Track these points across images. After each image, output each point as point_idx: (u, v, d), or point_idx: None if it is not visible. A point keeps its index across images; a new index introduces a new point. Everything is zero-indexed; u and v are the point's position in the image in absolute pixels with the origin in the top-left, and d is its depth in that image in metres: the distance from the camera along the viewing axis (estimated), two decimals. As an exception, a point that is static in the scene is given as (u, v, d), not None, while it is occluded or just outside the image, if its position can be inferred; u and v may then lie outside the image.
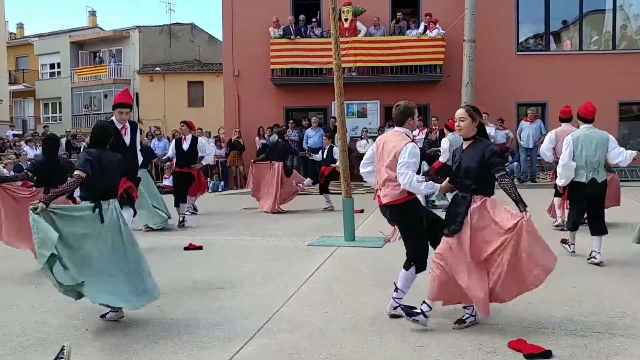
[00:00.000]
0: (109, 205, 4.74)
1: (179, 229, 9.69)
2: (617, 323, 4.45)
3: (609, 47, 18.06)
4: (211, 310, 5.05)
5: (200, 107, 30.06)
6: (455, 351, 3.98)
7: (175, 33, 34.91)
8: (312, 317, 4.80)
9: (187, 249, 7.86)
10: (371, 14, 17.57)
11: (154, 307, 5.16)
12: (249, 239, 8.59)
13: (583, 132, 6.65)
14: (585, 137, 6.56)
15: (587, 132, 6.61)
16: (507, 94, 17.43)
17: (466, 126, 4.45)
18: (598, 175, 6.46)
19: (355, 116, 17.95)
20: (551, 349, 3.88)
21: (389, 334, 4.35)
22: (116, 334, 4.50)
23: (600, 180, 6.47)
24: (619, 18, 18.11)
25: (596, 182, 6.44)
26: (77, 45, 34.54)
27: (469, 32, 16.25)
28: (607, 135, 6.60)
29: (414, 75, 17.41)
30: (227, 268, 6.70)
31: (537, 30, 18.40)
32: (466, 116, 4.44)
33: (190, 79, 31.38)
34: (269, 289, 5.74)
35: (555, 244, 7.16)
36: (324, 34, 17.48)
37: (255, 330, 4.50)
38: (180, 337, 4.40)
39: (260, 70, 17.93)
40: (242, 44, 18.17)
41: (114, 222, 4.73)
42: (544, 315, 4.67)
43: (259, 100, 18.14)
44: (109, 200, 4.76)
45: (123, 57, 32.99)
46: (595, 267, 6.27)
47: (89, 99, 33.26)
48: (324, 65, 16.72)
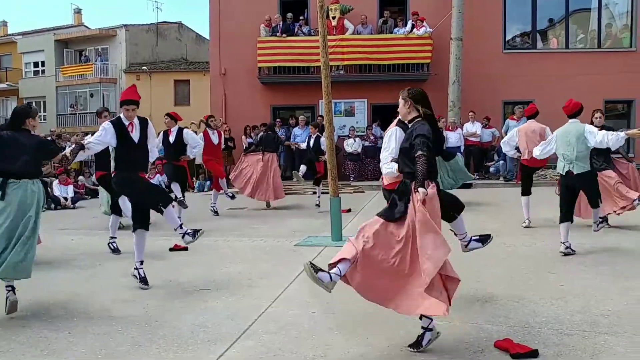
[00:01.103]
0: (18, 185, 5.01)
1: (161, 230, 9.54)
2: (602, 321, 4.46)
3: (595, 46, 18.18)
4: (196, 312, 5.00)
5: (187, 105, 29.93)
6: (442, 351, 3.96)
7: (162, 32, 34.74)
8: (298, 317, 4.77)
9: (172, 249, 7.79)
10: (358, 12, 17.56)
11: (139, 309, 5.11)
12: (235, 240, 8.53)
13: (565, 126, 7.04)
14: (563, 132, 7.00)
15: (567, 126, 6.99)
16: (494, 92, 17.49)
17: (400, 109, 4.39)
18: (574, 168, 6.78)
19: (342, 115, 17.93)
20: (537, 348, 3.88)
21: (376, 335, 4.32)
22: (99, 336, 4.43)
23: (576, 171, 6.77)
24: (604, 17, 18.24)
25: (572, 173, 6.81)
26: (62, 44, 34.23)
27: (456, 31, 16.30)
28: (582, 128, 6.82)
29: (401, 73, 17.41)
30: (212, 269, 6.65)
31: (524, 28, 18.49)
32: (400, 99, 4.37)
33: (177, 78, 31.24)
34: (255, 290, 5.69)
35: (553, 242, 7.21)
36: (312, 32, 17.44)
37: (241, 331, 4.46)
38: (165, 339, 4.35)
39: (247, 68, 17.86)
40: (229, 43, 18.08)
41: (19, 201, 4.98)
42: (530, 314, 4.67)
43: (246, 98, 18.06)
44: (19, 180, 5.01)
45: (109, 56, 32.76)
46: (581, 266, 6.28)
47: (75, 98, 32.97)
48: (312, 64, 16.68)
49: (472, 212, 10.39)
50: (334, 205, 8.19)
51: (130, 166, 5.92)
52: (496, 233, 8.20)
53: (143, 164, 6.07)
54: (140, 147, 5.98)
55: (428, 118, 4.23)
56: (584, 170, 6.77)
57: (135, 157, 5.95)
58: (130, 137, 5.89)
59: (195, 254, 7.52)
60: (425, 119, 4.22)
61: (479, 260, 6.43)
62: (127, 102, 6.00)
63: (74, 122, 31.80)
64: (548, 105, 14.88)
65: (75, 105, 32.73)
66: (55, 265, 6.94)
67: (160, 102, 29.34)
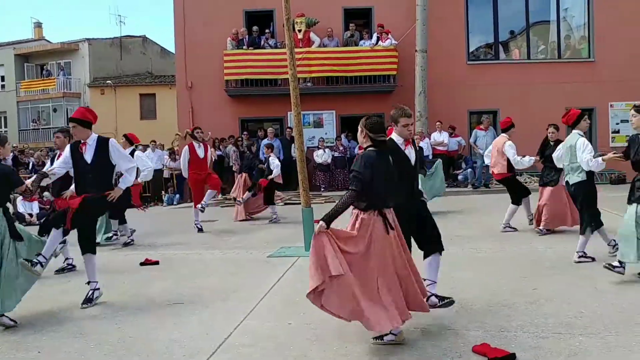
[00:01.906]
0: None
1: (131, 244, 9.39)
2: (576, 323, 4.53)
3: (555, 56, 18.66)
4: (170, 327, 4.91)
5: (153, 119, 29.60)
6: (420, 357, 3.97)
7: (127, 46, 34.34)
8: (275, 329, 4.72)
9: (143, 264, 7.65)
10: (324, 25, 17.66)
11: (111, 325, 4.99)
12: (207, 253, 8.43)
13: (568, 136, 7.10)
14: (565, 141, 7.14)
15: (569, 136, 7.05)
16: (459, 103, 17.77)
17: (358, 136, 4.50)
18: (570, 178, 6.89)
19: (311, 126, 17.96)
20: (515, 351, 3.92)
21: (354, 344, 4.30)
22: (71, 354, 4.31)
23: (571, 182, 6.85)
24: (562, 28, 18.76)
25: (568, 184, 6.93)
26: (22, 58, 33.53)
27: (421, 43, 16.54)
28: (575, 141, 6.82)
29: (368, 85, 17.56)
30: (185, 283, 6.54)
31: (487, 40, 18.87)
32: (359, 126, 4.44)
33: (142, 92, 30.89)
34: (230, 302, 5.62)
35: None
36: (278, 44, 17.47)
37: (217, 345, 4.39)
38: (140, 355, 4.25)
39: (214, 81, 17.76)
40: (195, 56, 17.98)
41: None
42: (506, 318, 4.72)
43: (214, 111, 17.95)
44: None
45: (72, 70, 32.20)
46: (553, 270, 6.37)
47: (37, 113, 32.28)
48: (279, 76, 16.69)
49: (443, 219, 10.47)
50: (306, 216, 8.17)
51: (80, 188, 5.74)
52: (467, 239, 8.39)
53: (97, 187, 5.69)
54: (94, 168, 5.69)
55: (381, 146, 4.30)
56: (577, 180, 6.73)
57: (86, 179, 5.70)
58: (81, 158, 5.71)
59: (167, 269, 7.40)
60: (380, 147, 4.29)
61: (451, 266, 6.48)
62: (69, 119, 5.93)
63: (36, 137, 31.10)
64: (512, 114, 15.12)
65: (38, 120, 32.03)
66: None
67: (126, 116, 29.03)
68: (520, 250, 7.55)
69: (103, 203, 5.79)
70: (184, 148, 10.66)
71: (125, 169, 5.91)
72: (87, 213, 5.64)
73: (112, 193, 5.77)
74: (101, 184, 5.73)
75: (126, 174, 5.92)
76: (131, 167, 5.97)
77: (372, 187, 4.14)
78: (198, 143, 10.54)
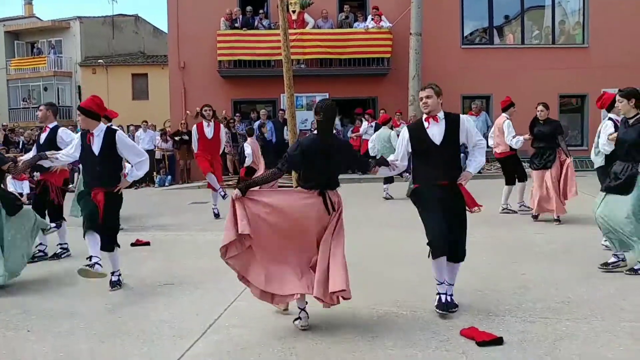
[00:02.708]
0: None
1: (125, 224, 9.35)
2: (563, 308, 4.58)
3: (549, 42, 18.63)
4: (160, 307, 4.92)
5: (145, 99, 29.38)
6: (408, 341, 4.00)
7: (119, 24, 33.93)
8: (265, 311, 4.73)
9: (134, 245, 7.64)
10: (319, 6, 17.51)
11: (101, 305, 5.00)
12: (199, 234, 8.43)
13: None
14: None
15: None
16: (453, 87, 17.64)
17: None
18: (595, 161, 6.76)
19: (304, 109, 17.87)
20: (502, 335, 3.96)
21: (343, 327, 4.33)
22: (61, 334, 4.32)
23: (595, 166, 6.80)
24: (557, 14, 18.71)
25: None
26: (12, 35, 33.07)
27: (416, 26, 16.43)
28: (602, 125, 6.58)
29: (362, 68, 17.48)
30: (176, 264, 6.55)
31: (481, 24, 18.79)
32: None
33: (135, 71, 30.60)
34: (220, 284, 5.62)
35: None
36: (272, 25, 17.33)
37: (207, 326, 4.41)
38: (130, 335, 4.26)
39: (207, 62, 17.61)
40: (188, 36, 17.80)
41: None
42: (494, 302, 4.76)
43: (206, 92, 17.78)
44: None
45: (63, 49, 31.81)
46: (541, 256, 6.43)
47: (28, 92, 31.96)
48: (273, 57, 16.58)
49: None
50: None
51: (89, 179, 5.68)
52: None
53: (105, 180, 5.51)
54: (102, 161, 5.49)
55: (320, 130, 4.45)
56: (598, 165, 6.65)
57: (94, 170, 5.56)
58: (89, 148, 5.52)
59: (158, 249, 7.40)
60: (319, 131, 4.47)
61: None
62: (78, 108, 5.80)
63: (27, 116, 30.79)
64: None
65: (29, 99, 31.71)
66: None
67: (117, 96, 28.73)
68: (510, 236, 7.60)
69: (119, 198, 5.62)
70: (193, 127, 10.11)
71: (134, 163, 5.60)
72: (111, 209, 5.51)
73: (119, 186, 5.53)
74: (109, 177, 5.51)
75: (134, 168, 5.62)
76: (140, 162, 5.61)
77: (307, 169, 4.37)
78: (207, 122, 9.80)
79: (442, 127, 4.67)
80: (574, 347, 3.80)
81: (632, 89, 5.74)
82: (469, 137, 4.77)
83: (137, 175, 5.69)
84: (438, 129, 4.67)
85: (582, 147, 17.52)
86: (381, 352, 3.82)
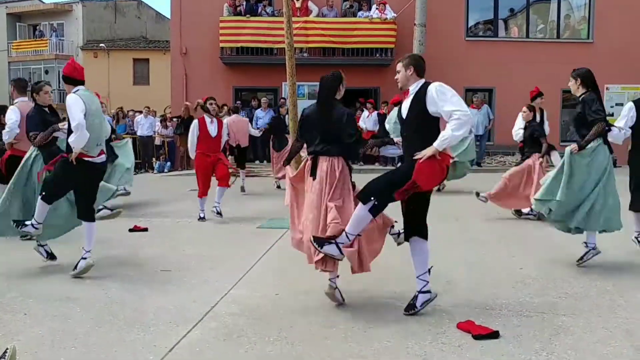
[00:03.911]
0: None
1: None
2: (561, 303, 4.58)
3: (554, 36, 18.56)
4: (158, 294, 4.92)
5: (146, 85, 29.31)
6: (404, 332, 4.00)
7: (121, 8, 33.81)
8: (261, 299, 4.74)
9: (132, 230, 7.64)
10: (323, -6, 17.45)
11: (98, 290, 5.00)
12: (197, 222, 8.41)
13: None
14: None
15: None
16: (456, 79, 17.50)
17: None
18: None
19: (305, 98, 17.81)
20: (498, 329, 3.96)
21: (339, 316, 4.34)
22: (57, 318, 4.31)
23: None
24: (563, 8, 18.62)
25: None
26: (15, 17, 32.95)
27: (420, 17, 16.35)
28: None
29: (365, 58, 17.43)
30: (174, 250, 6.55)
31: (486, 16, 18.70)
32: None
33: (136, 56, 30.54)
34: (218, 272, 5.63)
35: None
36: (275, 12, 17.24)
37: (204, 313, 4.41)
38: (126, 320, 4.26)
39: (209, 48, 17.55)
40: (191, 22, 17.73)
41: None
42: (491, 296, 4.76)
43: (208, 79, 17.76)
44: None
45: (65, 32, 31.72)
46: (539, 251, 6.42)
47: (29, 75, 31.85)
48: (275, 45, 16.51)
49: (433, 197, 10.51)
50: (298, 188, 8.15)
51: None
52: (455, 217, 8.42)
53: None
54: (69, 128, 5.28)
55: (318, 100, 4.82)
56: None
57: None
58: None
59: (156, 236, 7.39)
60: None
61: (439, 244, 6.50)
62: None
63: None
64: (508, 93, 15.16)
65: (30, 81, 31.62)
66: (12, 246, 6.70)
67: (118, 81, 28.72)
68: (509, 230, 7.59)
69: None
70: (193, 122, 8.56)
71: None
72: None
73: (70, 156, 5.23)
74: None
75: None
76: (74, 126, 5.11)
77: (306, 137, 4.75)
78: (211, 117, 8.52)
79: (409, 100, 4.33)
80: (569, 342, 3.81)
81: (582, 70, 5.89)
82: (439, 107, 4.13)
83: (72, 141, 5.18)
84: (407, 103, 4.35)
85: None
86: (377, 344, 3.82)
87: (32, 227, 5.44)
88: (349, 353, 3.70)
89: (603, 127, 5.53)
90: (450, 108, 4.09)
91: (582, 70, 5.87)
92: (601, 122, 5.52)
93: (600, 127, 5.50)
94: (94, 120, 5.29)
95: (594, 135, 5.51)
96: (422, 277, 4.37)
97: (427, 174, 4.11)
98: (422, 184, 4.12)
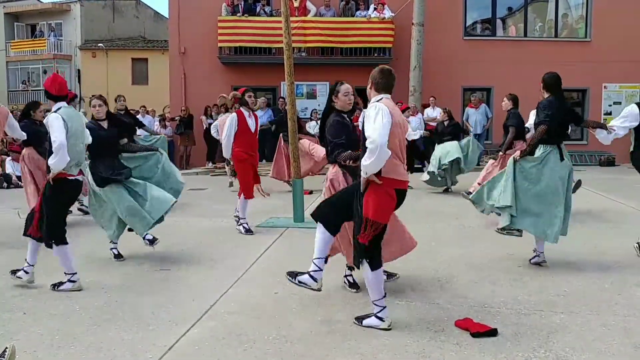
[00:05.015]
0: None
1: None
2: (559, 302, 4.59)
3: (552, 35, 18.55)
4: (157, 292, 4.93)
5: (145, 84, 29.30)
6: (403, 330, 4.01)
7: (119, 8, 33.80)
8: (260, 298, 4.75)
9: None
10: (321, -6, 17.43)
11: (97, 289, 5.00)
12: (196, 221, 8.42)
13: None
14: None
15: None
16: (454, 79, 17.68)
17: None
18: None
19: (304, 97, 17.83)
20: (496, 327, 3.98)
21: (338, 315, 4.35)
22: (56, 317, 4.32)
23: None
24: (560, 7, 18.61)
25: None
26: (12, 17, 32.91)
27: (418, 16, 16.36)
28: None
29: (363, 57, 17.40)
30: (173, 249, 6.56)
31: (484, 15, 18.71)
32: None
33: (135, 56, 30.52)
34: (217, 270, 5.65)
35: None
36: (274, 12, 17.24)
37: (203, 312, 4.42)
38: (125, 319, 4.27)
39: (207, 48, 17.54)
40: (189, 21, 17.71)
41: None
42: (489, 294, 4.78)
43: (206, 78, 17.76)
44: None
45: (64, 32, 31.69)
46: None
47: (27, 74, 31.85)
48: (274, 45, 16.51)
49: (428, 195, 10.56)
50: (297, 187, 8.17)
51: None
52: (454, 215, 8.43)
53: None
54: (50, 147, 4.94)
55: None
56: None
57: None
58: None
59: (156, 235, 7.36)
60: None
61: (437, 241, 6.55)
62: None
63: (26, 98, 30.66)
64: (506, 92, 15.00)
65: (28, 81, 31.61)
66: (10, 245, 6.71)
67: (117, 81, 28.69)
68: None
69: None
70: (229, 117, 7.64)
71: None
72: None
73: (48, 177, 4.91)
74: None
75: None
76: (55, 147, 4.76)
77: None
78: (249, 111, 7.61)
79: (362, 116, 4.16)
80: (567, 340, 3.82)
81: (547, 74, 5.76)
82: (365, 129, 3.92)
83: (52, 164, 4.82)
84: (361, 118, 4.20)
85: (581, 141, 17.50)
86: (376, 341, 3.84)
87: (24, 272, 5.08)
88: (348, 351, 3.72)
89: (543, 131, 5.47)
90: (368, 133, 3.85)
91: (546, 75, 5.76)
92: (544, 125, 5.46)
93: (540, 130, 5.47)
94: (75, 141, 4.96)
95: (535, 139, 5.53)
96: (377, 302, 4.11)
97: (374, 205, 3.90)
98: (375, 218, 3.90)
